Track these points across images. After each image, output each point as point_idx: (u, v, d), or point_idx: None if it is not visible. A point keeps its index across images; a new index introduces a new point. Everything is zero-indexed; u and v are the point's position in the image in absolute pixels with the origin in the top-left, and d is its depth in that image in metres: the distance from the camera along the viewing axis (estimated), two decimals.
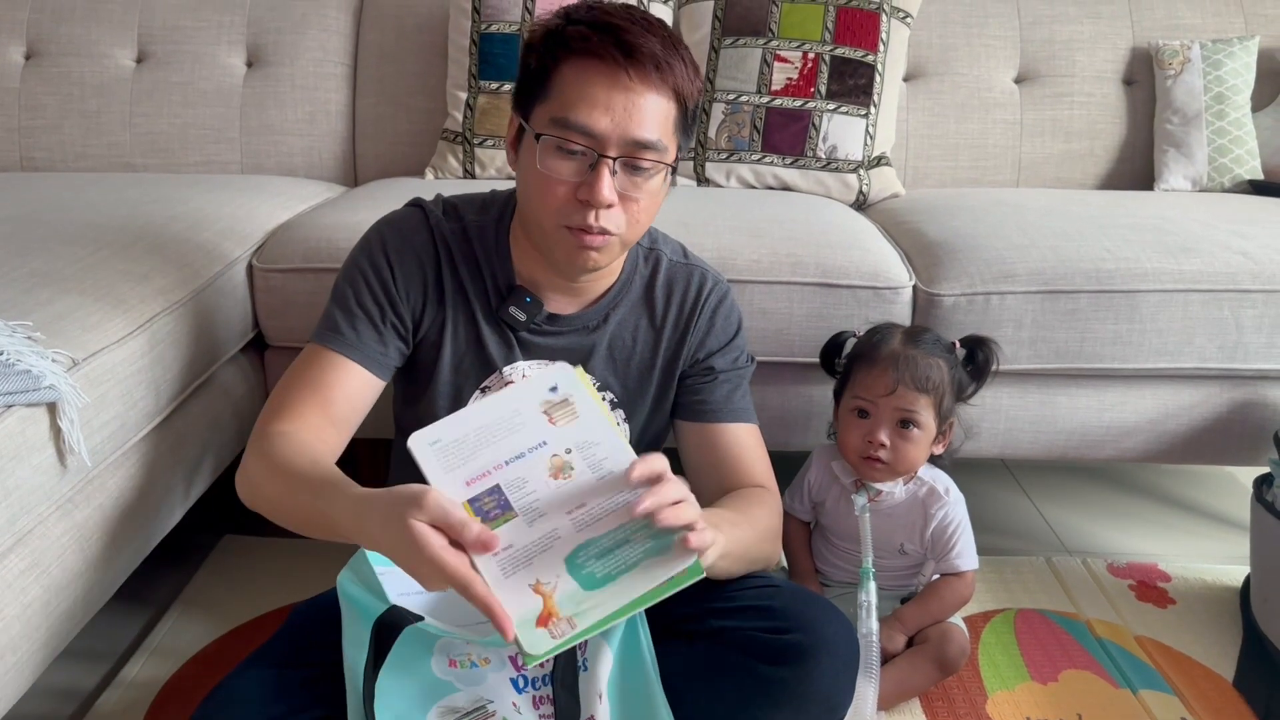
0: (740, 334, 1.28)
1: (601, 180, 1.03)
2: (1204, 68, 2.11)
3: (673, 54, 1.04)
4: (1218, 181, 2.08)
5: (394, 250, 1.17)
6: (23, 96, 2.17)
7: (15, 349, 1.08)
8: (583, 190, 1.05)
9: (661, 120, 1.05)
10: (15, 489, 1.03)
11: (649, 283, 1.24)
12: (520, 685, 1.03)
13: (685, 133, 1.11)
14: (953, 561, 1.42)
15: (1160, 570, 1.73)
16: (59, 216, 1.58)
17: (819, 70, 2.02)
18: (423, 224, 1.19)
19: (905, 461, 1.39)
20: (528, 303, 1.18)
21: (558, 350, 1.21)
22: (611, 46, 1.02)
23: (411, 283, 1.17)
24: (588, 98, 1.03)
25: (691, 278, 1.25)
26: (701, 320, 1.25)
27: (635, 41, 1.02)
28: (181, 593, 1.62)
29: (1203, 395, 1.64)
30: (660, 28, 1.06)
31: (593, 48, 1.02)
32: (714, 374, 1.25)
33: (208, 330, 1.46)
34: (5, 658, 1.03)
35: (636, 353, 1.24)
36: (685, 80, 1.06)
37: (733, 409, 1.25)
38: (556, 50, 1.05)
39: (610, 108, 1.02)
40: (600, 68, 1.03)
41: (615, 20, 1.03)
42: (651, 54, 1.02)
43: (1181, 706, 1.38)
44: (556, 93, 1.05)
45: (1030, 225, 1.68)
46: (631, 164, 1.05)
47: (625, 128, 1.03)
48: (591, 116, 1.02)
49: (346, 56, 2.23)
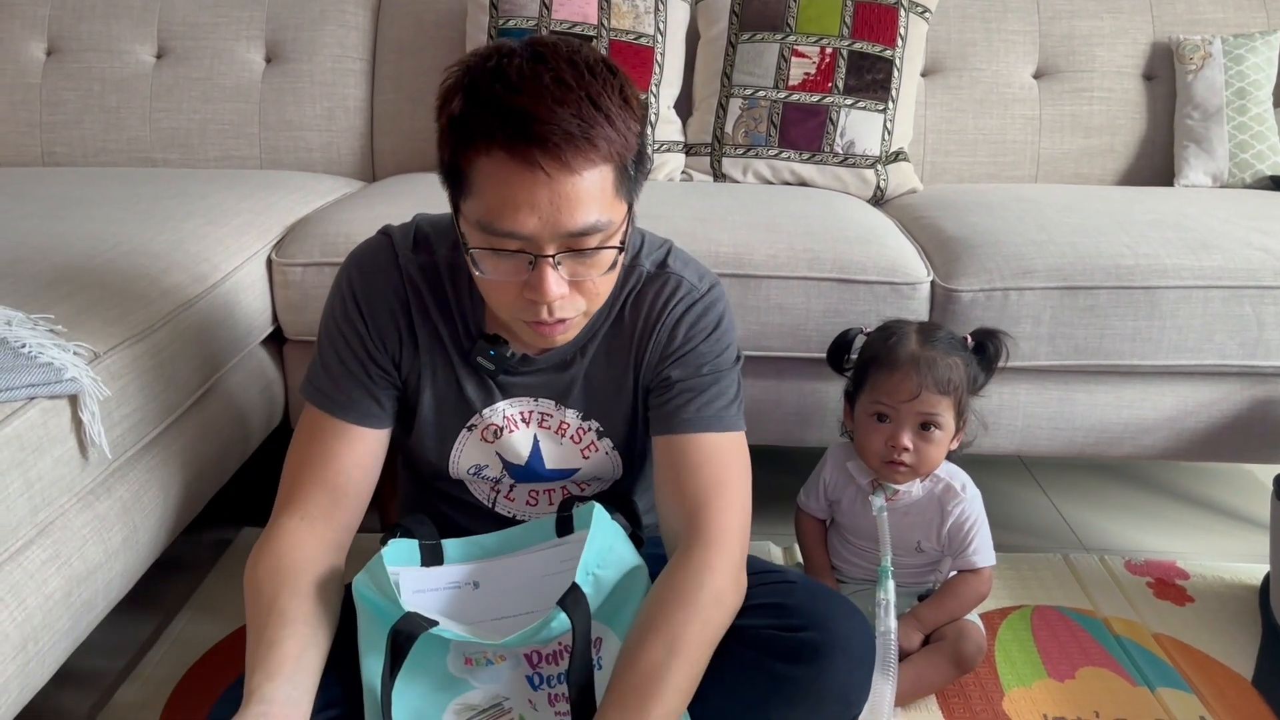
0: (711, 339, 1.15)
1: (544, 280, 0.96)
2: (1225, 63, 2.09)
3: (593, 121, 0.91)
4: (1238, 178, 2.07)
5: (364, 300, 1.13)
6: (44, 92, 2.19)
7: (37, 341, 1.09)
8: (528, 290, 0.97)
9: (598, 196, 0.94)
10: (37, 480, 1.04)
11: (624, 303, 1.15)
12: (536, 682, 1.03)
13: (634, 184, 1.00)
14: (970, 558, 1.41)
15: (1179, 568, 1.72)
16: (80, 211, 1.59)
17: (837, 65, 2.01)
18: (391, 263, 1.13)
19: (928, 463, 1.39)
20: (492, 355, 1.12)
21: (536, 386, 1.17)
22: (519, 140, 0.90)
23: (386, 332, 1.14)
24: (509, 201, 0.92)
25: (663, 289, 1.14)
26: (661, 333, 1.14)
27: (545, 128, 0.89)
28: (200, 586, 1.63)
29: (1223, 392, 1.63)
30: (579, 82, 0.92)
31: (500, 142, 0.91)
32: (670, 383, 1.14)
33: (227, 324, 1.47)
34: (27, 648, 1.04)
35: (613, 377, 1.17)
36: (616, 141, 0.93)
37: (687, 418, 1.12)
38: (464, 146, 0.94)
39: (535, 206, 0.92)
40: (513, 164, 0.91)
41: (522, 102, 0.90)
42: (567, 135, 0.90)
43: (1200, 705, 1.38)
44: (476, 193, 0.95)
45: (1049, 221, 1.67)
46: (575, 250, 0.96)
47: (556, 223, 0.93)
48: (517, 220, 0.93)
49: (365, 52, 2.23)
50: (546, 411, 1.18)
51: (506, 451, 1.19)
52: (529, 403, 1.17)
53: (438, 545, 1.11)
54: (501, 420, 1.17)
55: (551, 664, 1.03)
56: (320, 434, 1.13)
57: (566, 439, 1.19)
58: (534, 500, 1.25)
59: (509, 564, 1.11)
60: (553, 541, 1.12)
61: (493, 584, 1.09)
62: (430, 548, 1.10)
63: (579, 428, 1.18)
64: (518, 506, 1.26)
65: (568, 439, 1.19)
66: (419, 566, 1.09)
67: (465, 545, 1.12)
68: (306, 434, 1.14)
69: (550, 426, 1.18)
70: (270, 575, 1.04)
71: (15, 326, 1.10)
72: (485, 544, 1.13)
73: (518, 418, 1.18)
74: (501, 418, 1.17)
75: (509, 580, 1.09)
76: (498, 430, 1.18)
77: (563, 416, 1.18)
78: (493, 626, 1.03)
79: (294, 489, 1.12)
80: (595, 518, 1.06)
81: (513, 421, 1.17)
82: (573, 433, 1.19)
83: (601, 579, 1.03)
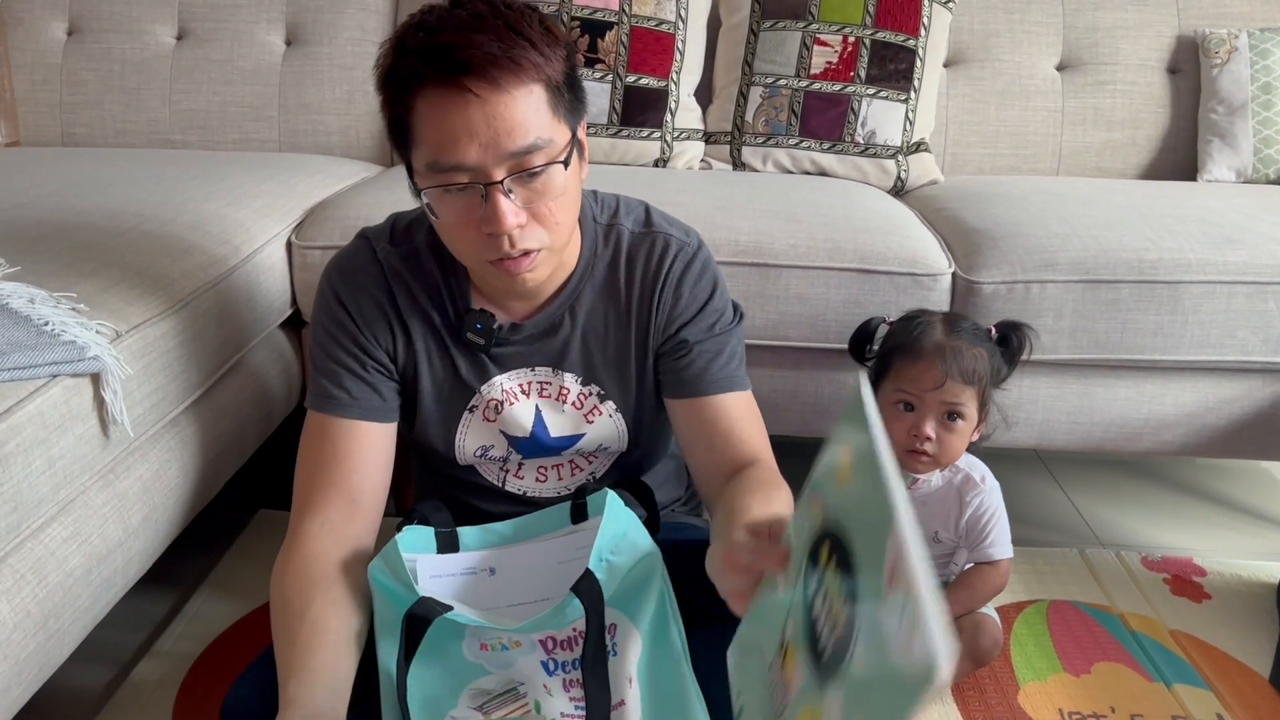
0: (715, 297, 1.18)
1: (498, 209, 0.97)
2: (1251, 57, 2.07)
3: (513, 44, 0.95)
4: (1263, 173, 2.05)
5: (348, 298, 1.14)
6: (64, 73, 2.19)
7: (60, 320, 1.09)
8: (485, 224, 0.98)
9: (533, 115, 0.97)
10: (59, 458, 1.05)
11: (611, 263, 1.16)
12: (551, 668, 1.03)
13: (571, 109, 1.02)
14: (987, 550, 1.40)
15: (1195, 565, 1.72)
16: (101, 191, 1.60)
17: (859, 54, 2.00)
18: (370, 260, 1.14)
19: (950, 453, 1.39)
20: (479, 328, 1.13)
21: (529, 355, 1.17)
22: (445, 71, 0.94)
23: (376, 325, 1.14)
24: (448, 133, 0.95)
25: (654, 247, 1.16)
26: (666, 293, 1.15)
27: (467, 55, 0.93)
28: (217, 565, 1.64)
29: (1244, 389, 1.62)
30: (495, 14, 0.96)
31: (429, 79, 0.95)
32: (688, 346, 1.16)
33: (247, 306, 1.47)
34: (48, 624, 1.04)
35: (611, 340, 1.18)
36: (540, 62, 0.97)
37: (713, 379, 1.16)
38: (401, 94, 0.98)
39: (473, 133, 0.95)
40: (445, 96, 0.94)
41: (443, 38, 0.95)
42: (489, 58, 0.93)
43: (1217, 702, 1.37)
44: (419, 137, 0.98)
45: (1071, 214, 1.66)
46: (523, 174, 0.98)
47: (497, 145, 0.95)
48: (459, 151, 0.95)
49: (385, 36, 2.21)
50: (545, 380, 1.18)
51: (509, 426, 1.19)
52: (526, 374, 1.17)
53: (453, 533, 1.11)
54: (500, 394, 1.17)
55: (566, 650, 1.03)
56: (327, 437, 1.12)
57: (568, 405, 1.19)
58: (543, 476, 1.25)
59: (524, 550, 1.11)
60: (567, 529, 1.12)
61: (508, 570, 1.09)
62: (445, 535, 1.10)
63: (580, 393, 1.19)
64: (527, 484, 1.26)
65: (569, 405, 1.19)
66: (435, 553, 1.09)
67: (481, 533, 1.12)
68: (314, 440, 1.13)
69: (550, 394, 1.18)
70: (299, 584, 1.03)
71: (38, 304, 1.11)
72: (501, 531, 1.13)
73: (517, 390, 1.18)
74: (500, 391, 1.17)
75: (524, 566, 1.09)
76: (498, 405, 1.17)
77: (561, 382, 1.18)
78: (508, 612, 1.03)
79: (310, 495, 1.10)
80: (609, 504, 1.06)
81: (512, 395, 1.17)
82: (574, 398, 1.19)
83: (615, 565, 1.03)
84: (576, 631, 1.02)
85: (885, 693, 0.61)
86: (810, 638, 0.74)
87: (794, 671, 0.76)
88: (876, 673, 0.63)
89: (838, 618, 0.70)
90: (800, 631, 0.76)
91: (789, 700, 0.76)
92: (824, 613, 0.73)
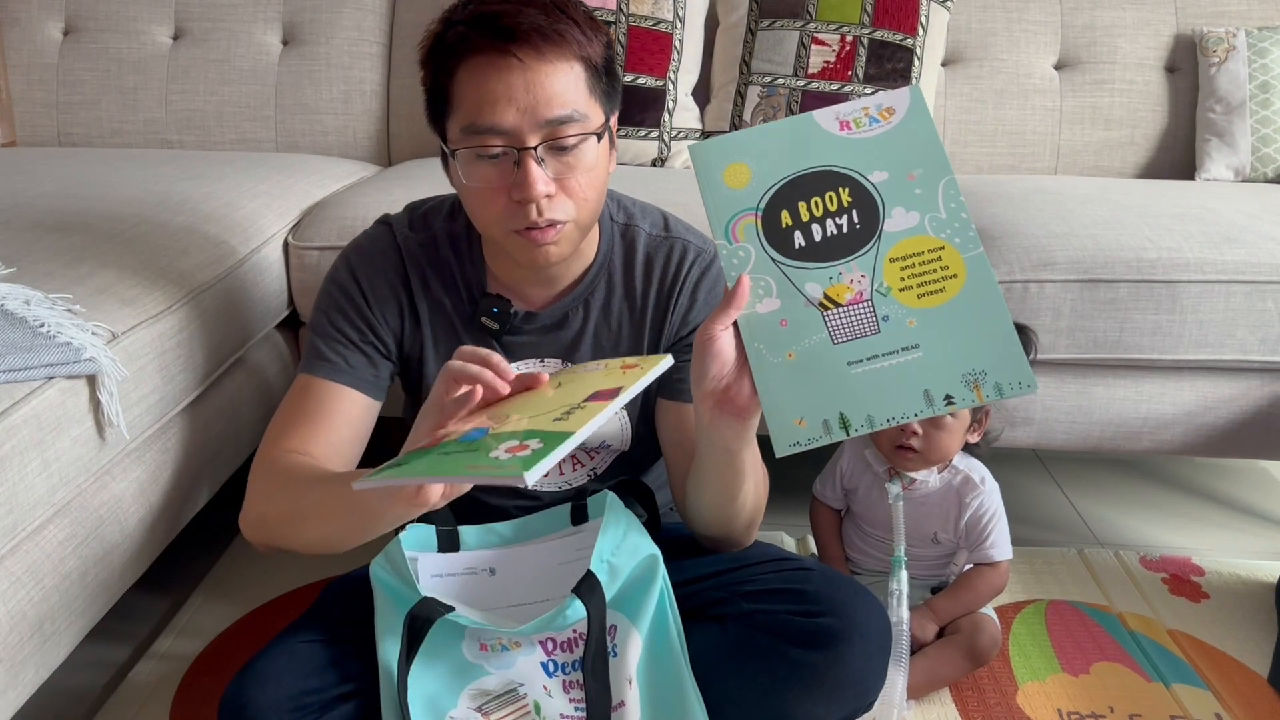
0: None
1: (529, 174, 0.99)
2: (1249, 55, 2.07)
3: (559, 19, 0.98)
4: (1261, 172, 2.05)
5: (364, 276, 1.15)
6: (60, 72, 2.19)
7: (56, 321, 1.09)
8: (515, 190, 1.00)
9: (571, 89, 0.99)
10: (55, 460, 1.04)
11: (627, 261, 1.18)
12: (551, 669, 1.03)
13: (607, 95, 1.05)
14: (987, 551, 1.40)
15: (1194, 564, 1.71)
16: (97, 192, 1.59)
17: (857, 53, 2.00)
18: (391, 244, 1.16)
19: (938, 450, 1.38)
20: (495, 313, 1.14)
21: (541, 345, 1.18)
22: (492, 36, 0.97)
23: (387, 306, 1.15)
24: (487, 96, 0.98)
25: (673, 251, 1.19)
26: (682, 297, 1.18)
27: (514, 21, 0.97)
28: (212, 569, 1.63)
29: (1243, 388, 1.62)
30: None
31: (475, 45, 0.98)
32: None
33: (243, 307, 1.47)
34: (43, 627, 1.04)
35: (622, 338, 1.19)
36: (583, 41, 1.00)
37: None
38: (445, 60, 1.01)
39: (512, 98, 0.97)
40: (489, 61, 0.98)
41: (491, 8, 0.98)
42: (535, 27, 0.97)
43: (1215, 702, 1.37)
44: (459, 102, 1.01)
45: (1070, 213, 1.66)
46: (556, 145, 1.00)
47: (534, 112, 0.98)
48: (496, 113, 0.98)
49: (382, 36, 2.23)
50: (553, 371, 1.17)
51: None
52: (535, 364, 1.18)
53: (454, 531, 1.11)
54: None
55: (566, 651, 1.03)
56: (311, 396, 1.12)
57: None
58: None
59: (525, 551, 1.11)
60: (568, 530, 1.12)
61: (508, 571, 1.09)
62: (447, 534, 1.10)
63: None
64: None
65: None
66: (436, 552, 1.09)
67: (482, 533, 1.12)
68: (297, 398, 1.13)
69: None
70: (296, 463, 1.06)
71: (34, 306, 1.11)
72: (501, 532, 1.13)
73: None
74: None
75: (525, 568, 1.09)
76: None
77: None
78: (508, 613, 1.03)
79: (285, 434, 1.10)
80: (609, 506, 1.06)
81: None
82: None
83: (616, 567, 1.03)
84: (576, 633, 1.02)
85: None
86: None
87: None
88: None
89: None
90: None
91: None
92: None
